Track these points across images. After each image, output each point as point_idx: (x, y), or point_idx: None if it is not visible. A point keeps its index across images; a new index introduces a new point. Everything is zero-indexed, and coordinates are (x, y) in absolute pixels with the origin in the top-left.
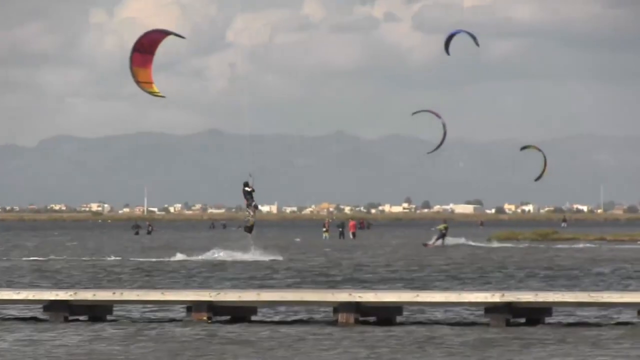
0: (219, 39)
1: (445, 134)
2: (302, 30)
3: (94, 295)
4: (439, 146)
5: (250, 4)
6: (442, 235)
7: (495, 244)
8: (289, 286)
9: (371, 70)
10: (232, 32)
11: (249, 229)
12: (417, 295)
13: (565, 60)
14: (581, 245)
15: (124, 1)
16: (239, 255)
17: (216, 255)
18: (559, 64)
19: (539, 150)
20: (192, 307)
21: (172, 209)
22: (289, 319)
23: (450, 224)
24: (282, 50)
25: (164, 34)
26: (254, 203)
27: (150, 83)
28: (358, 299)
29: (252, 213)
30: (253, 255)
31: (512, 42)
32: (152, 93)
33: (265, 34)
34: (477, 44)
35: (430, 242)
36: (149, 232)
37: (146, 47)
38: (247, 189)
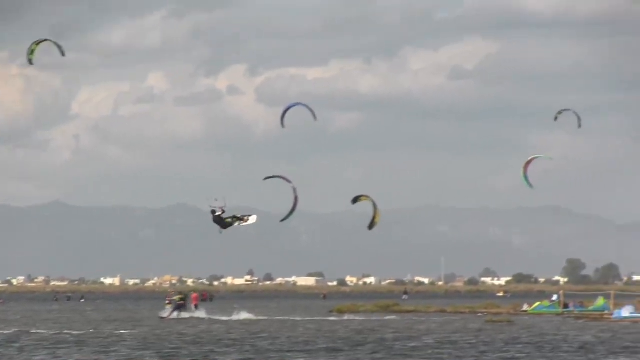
0: (63, 111)
1: (296, 198)
2: (146, 102)
3: None
4: (291, 212)
5: (95, 76)
6: (178, 307)
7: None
8: None
9: (215, 142)
10: (77, 104)
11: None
12: None
13: (407, 131)
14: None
15: None
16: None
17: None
18: (401, 136)
19: (368, 197)
20: None
21: (14, 282)
22: None
23: (293, 296)
24: (126, 122)
25: None
26: (239, 218)
27: None
28: None
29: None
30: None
31: (355, 114)
32: None
33: (109, 105)
34: (315, 118)
35: (167, 315)
36: None
37: None
38: (217, 213)
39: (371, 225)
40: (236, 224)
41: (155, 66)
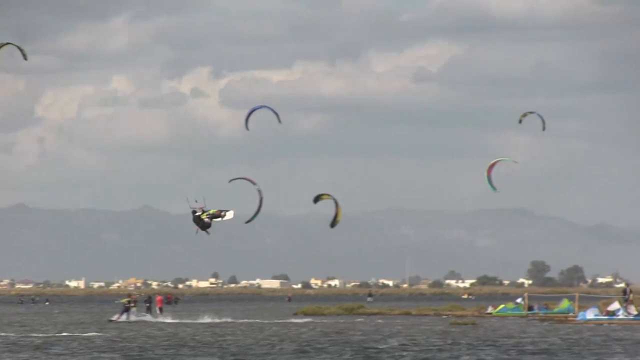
0: (28, 114)
1: (261, 200)
2: (110, 105)
3: None
4: (256, 214)
5: (59, 79)
6: (126, 310)
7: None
8: None
9: (179, 145)
10: (41, 107)
11: (203, 224)
12: None
13: (371, 134)
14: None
15: None
16: None
17: None
18: (365, 138)
19: (330, 196)
20: None
21: None
22: None
23: (257, 298)
24: (90, 125)
25: None
26: (216, 215)
27: None
28: None
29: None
30: None
31: (319, 117)
32: None
33: (74, 108)
34: (279, 120)
35: (115, 317)
36: None
37: None
38: (197, 214)
39: (333, 223)
40: (215, 219)
41: (120, 69)
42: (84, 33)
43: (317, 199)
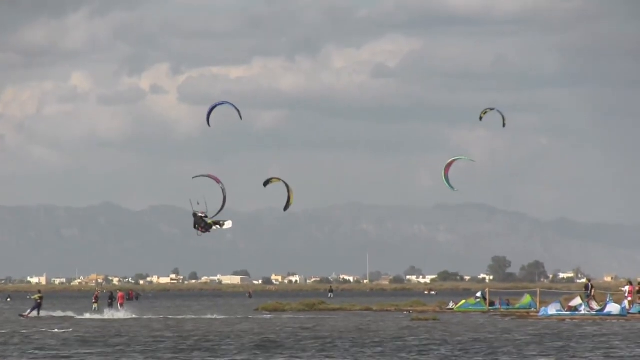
0: None
1: (225, 198)
2: (70, 101)
3: None
4: (219, 211)
5: (18, 76)
6: (38, 306)
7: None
8: None
9: (138, 141)
10: (1, 103)
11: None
12: None
13: (330, 130)
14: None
15: None
16: None
17: None
18: (324, 134)
19: (279, 179)
20: None
21: None
22: None
23: (218, 294)
24: (50, 122)
25: None
26: (217, 222)
27: None
28: None
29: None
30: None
31: (278, 113)
32: None
33: (34, 105)
34: (240, 117)
35: (26, 313)
36: None
37: None
38: (199, 215)
39: (287, 207)
40: (215, 227)
41: (79, 65)
42: (42, 29)
43: (266, 182)
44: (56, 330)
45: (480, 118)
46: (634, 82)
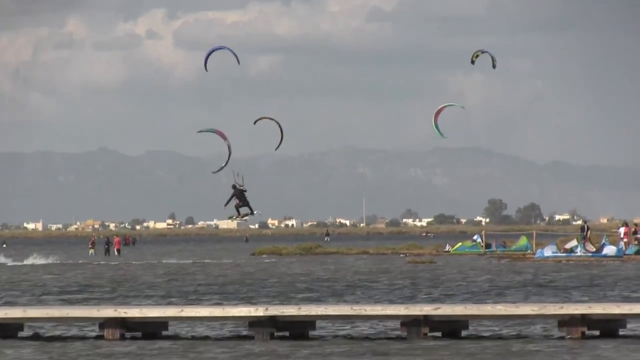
0: None
1: (230, 155)
2: (65, 47)
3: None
4: (223, 167)
5: (13, 22)
6: None
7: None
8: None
9: (134, 87)
10: None
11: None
12: (182, 310)
13: (326, 74)
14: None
15: None
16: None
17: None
18: (320, 78)
19: (272, 119)
20: None
21: None
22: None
23: (215, 239)
24: (46, 68)
25: None
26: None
27: None
28: (124, 315)
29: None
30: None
31: (273, 57)
32: None
33: (29, 51)
34: (238, 62)
35: None
36: None
37: None
38: (240, 188)
39: (278, 146)
40: (246, 212)
41: (74, 11)
42: None
43: (257, 120)
44: None
45: (472, 61)
46: (629, 27)
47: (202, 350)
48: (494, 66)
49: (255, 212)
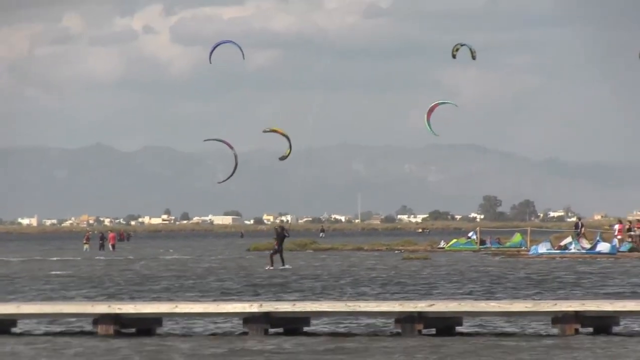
0: None
1: (236, 165)
2: (62, 42)
3: None
4: (230, 176)
5: (9, 17)
6: None
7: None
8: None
9: (130, 82)
10: None
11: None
12: (176, 307)
13: (321, 70)
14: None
15: None
16: None
17: None
18: (316, 74)
19: (283, 134)
20: None
21: None
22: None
23: (210, 235)
24: (42, 63)
25: None
26: None
27: None
28: (117, 311)
29: None
30: None
31: (270, 53)
32: None
33: (25, 46)
34: (243, 57)
35: None
36: None
37: None
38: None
39: (283, 158)
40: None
41: (71, 6)
42: None
43: (267, 131)
44: None
45: (454, 55)
46: (627, 22)
47: (196, 346)
48: (473, 57)
49: (285, 266)
